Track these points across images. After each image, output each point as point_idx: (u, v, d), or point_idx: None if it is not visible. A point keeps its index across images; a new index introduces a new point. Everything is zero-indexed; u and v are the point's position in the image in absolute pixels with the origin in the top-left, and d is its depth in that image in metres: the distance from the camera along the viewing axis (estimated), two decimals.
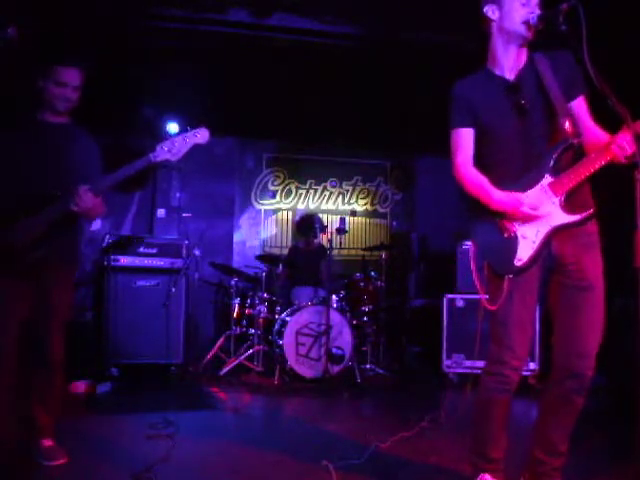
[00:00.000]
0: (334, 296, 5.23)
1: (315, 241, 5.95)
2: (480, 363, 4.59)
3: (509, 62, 2.21)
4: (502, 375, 2.22)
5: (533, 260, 2.11)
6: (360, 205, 7.22)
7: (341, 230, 5.57)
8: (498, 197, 2.13)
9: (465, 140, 2.26)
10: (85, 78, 2.63)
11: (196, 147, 2.51)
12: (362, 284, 5.54)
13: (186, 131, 2.50)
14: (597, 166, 2.02)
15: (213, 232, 6.47)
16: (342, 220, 5.72)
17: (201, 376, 5.05)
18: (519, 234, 2.13)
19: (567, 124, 2.09)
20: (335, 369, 4.89)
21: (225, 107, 5.47)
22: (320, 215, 6.36)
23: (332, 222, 6.87)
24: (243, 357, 5.20)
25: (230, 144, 6.66)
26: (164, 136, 2.63)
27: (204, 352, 5.40)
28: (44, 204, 2.46)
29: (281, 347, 4.88)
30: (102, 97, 5.00)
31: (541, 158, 2.13)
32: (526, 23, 2.09)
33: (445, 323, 5.12)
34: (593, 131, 2.16)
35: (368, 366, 5.33)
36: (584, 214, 2.09)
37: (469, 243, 2.36)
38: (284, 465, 2.84)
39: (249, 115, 5.81)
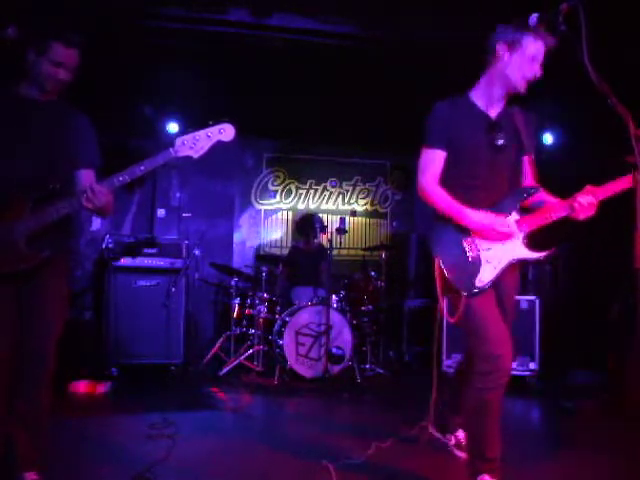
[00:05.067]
0: (334, 296, 5.23)
1: (315, 241, 5.94)
2: None
3: (494, 101, 2.39)
4: (496, 372, 2.28)
5: (492, 284, 2.30)
6: (360, 205, 7.22)
7: (341, 230, 5.57)
8: (474, 214, 2.28)
9: (436, 160, 2.38)
10: (80, 60, 2.34)
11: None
12: (362, 284, 5.54)
13: (209, 126, 2.27)
14: (558, 217, 2.30)
15: (213, 232, 6.47)
16: (342, 220, 5.71)
17: (201, 376, 5.05)
18: (483, 258, 2.30)
19: (530, 163, 2.43)
20: (335, 369, 4.89)
21: (225, 107, 5.47)
22: (320, 215, 6.36)
23: (332, 222, 6.87)
24: (243, 357, 5.20)
25: (230, 144, 6.64)
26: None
27: (204, 352, 5.40)
28: (47, 196, 2.21)
29: (281, 347, 4.88)
30: (102, 97, 5.01)
31: (509, 195, 2.36)
32: (526, 80, 2.29)
33: (445, 323, 5.12)
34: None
35: (368, 366, 5.32)
36: (546, 253, 2.32)
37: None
38: (284, 465, 2.84)
39: (249, 115, 5.81)
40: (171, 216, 6.51)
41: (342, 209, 7.14)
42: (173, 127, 6.26)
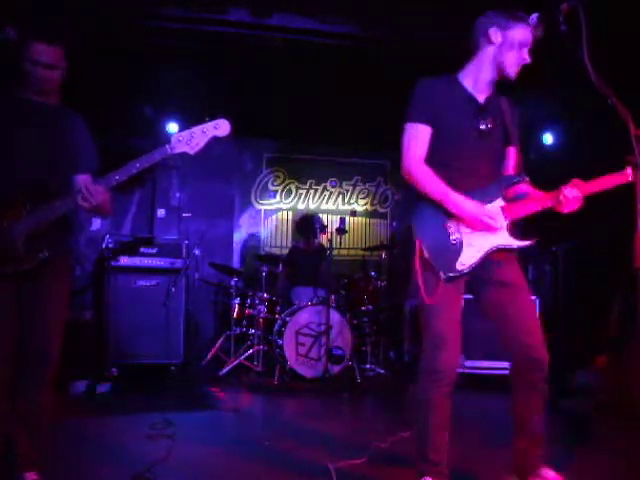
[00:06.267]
0: (334, 296, 5.23)
1: (315, 241, 5.94)
2: (480, 363, 4.60)
3: (483, 85, 2.30)
4: (438, 373, 2.24)
5: (473, 268, 2.22)
6: (360, 205, 7.22)
7: (341, 230, 5.57)
8: (461, 200, 2.20)
9: (421, 136, 2.27)
10: (65, 56, 2.33)
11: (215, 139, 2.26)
12: (362, 284, 5.54)
13: (204, 122, 2.26)
14: (544, 207, 2.25)
15: (213, 232, 6.47)
16: (342, 220, 5.71)
17: (201, 376, 5.05)
18: (465, 241, 2.23)
19: (516, 152, 2.37)
20: (335, 369, 4.89)
21: (225, 107, 5.46)
22: (320, 215, 6.36)
23: (332, 222, 6.87)
24: (243, 357, 5.20)
25: (230, 144, 6.64)
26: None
27: (204, 352, 5.40)
28: (44, 197, 2.22)
29: (281, 347, 4.88)
30: (102, 97, 5.01)
31: (495, 181, 2.30)
32: (518, 66, 2.24)
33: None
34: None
35: (368, 366, 5.33)
36: (527, 242, 2.26)
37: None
38: (284, 465, 2.83)
39: (249, 115, 5.81)
40: (171, 216, 6.51)
41: (342, 209, 7.14)
42: (173, 127, 6.26)
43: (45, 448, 2.37)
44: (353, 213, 6.48)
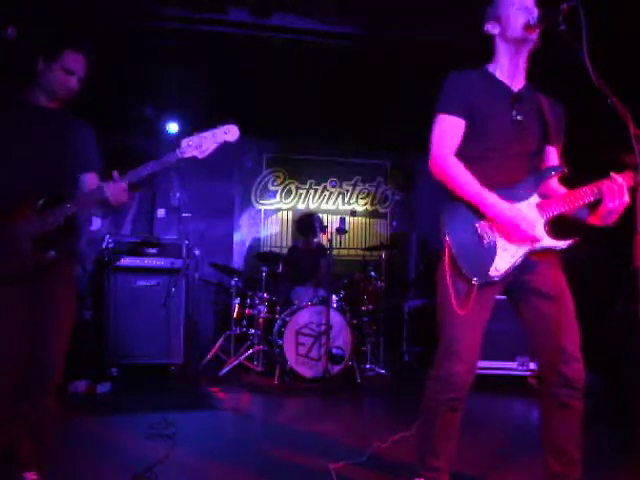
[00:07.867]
0: (334, 296, 5.22)
1: (315, 241, 5.94)
2: (481, 363, 4.60)
3: (512, 74, 2.18)
4: (445, 383, 2.15)
5: (508, 274, 2.07)
6: (360, 205, 7.22)
7: (341, 230, 5.57)
8: (497, 202, 2.03)
9: (454, 129, 2.13)
10: (89, 68, 2.37)
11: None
12: (362, 284, 5.53)
13: (214, 127, 2.30)
14: (584, 202, 2.05)
15: (213, 232, 6.47)
16: (342, 220, 5.72)
17: (201, 376, 5.05)
18: (499, 245, 2.07)
19: (558, 150, 2.20)
20: (335, 369, 4.88)
21: (225, 107, 5.47)
22: (320, 215, 6.36)
23: (332, 222, 6.87)
24: (243, 357, 5.20)
25: (230, 143, 6.64)
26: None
27: (204, 352, 5.40)
28: (53, 199, 2.22)
29: (281, 347, 4.88)
30: (102, 97, 5.00)
31: (529, 176, 2.12)
32: (527, 25, 2.07)
33: None
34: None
35: (368, 366, 5.33)
36: (568, 242, 2.08)
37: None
38: (284, 465, 2.84)
39: (249, 115, 5.80)
40: (171, 216, 6.51)
41: (342, 209, 7.14)
42: (173, 127, 6.26)
43: (47, 450, 2.37)
44: (353, 213, 6.49)
